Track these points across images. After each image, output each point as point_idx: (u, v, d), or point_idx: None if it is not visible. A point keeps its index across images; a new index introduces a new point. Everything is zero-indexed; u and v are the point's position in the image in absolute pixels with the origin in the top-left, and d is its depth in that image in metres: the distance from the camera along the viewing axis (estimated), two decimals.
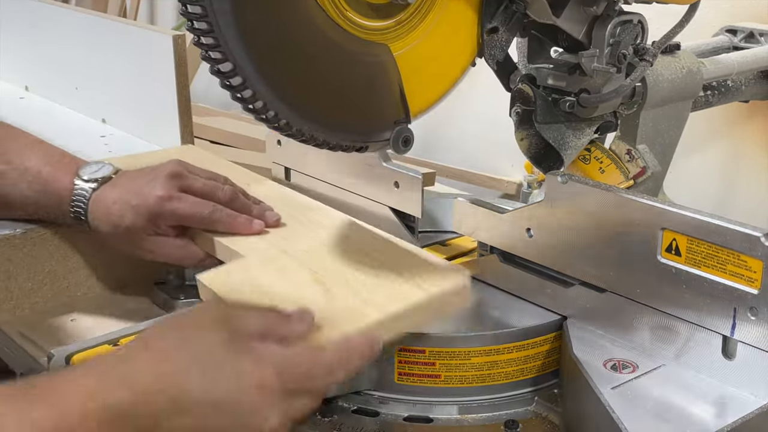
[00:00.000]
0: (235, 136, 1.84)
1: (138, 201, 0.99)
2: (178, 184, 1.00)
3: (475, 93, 1.86)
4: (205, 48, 0.74)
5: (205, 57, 0.76)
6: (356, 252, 0.92)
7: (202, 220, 0.99)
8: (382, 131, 0.85)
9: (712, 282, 0.79)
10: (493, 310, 0.94)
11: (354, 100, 0.83)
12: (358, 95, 0.83)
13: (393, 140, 0.85)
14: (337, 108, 0.82)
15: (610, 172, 1.04)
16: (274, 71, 0.77)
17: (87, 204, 1.02)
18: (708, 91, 1.16)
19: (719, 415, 0.77)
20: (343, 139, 0.84)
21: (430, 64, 0.87)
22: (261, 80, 0.76)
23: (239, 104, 0.79)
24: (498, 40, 0.91)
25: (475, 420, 0.87)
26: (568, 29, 0.93)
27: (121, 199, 1.00)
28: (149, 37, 1.53)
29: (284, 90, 0.78)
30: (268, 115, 0.78)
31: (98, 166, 1.05)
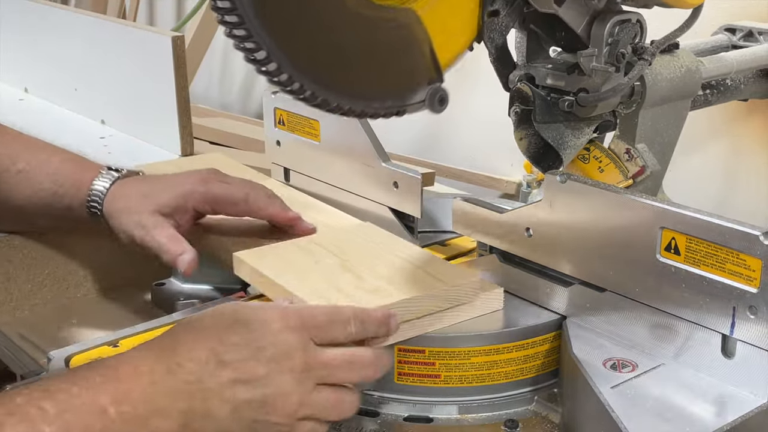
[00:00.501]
0: (234, 137, 1.84)
1: (168, 184, 1.01)
2: (215, 177, 1.04)
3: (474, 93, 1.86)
4: (233, 31, 0.74)
5: (238, 47, 0.76)
6: (374, 246, 0.99)
7: (237, 202, 1.01)
8: (416, 93, 0.85)
9: (711, 281, 0.79)
10: None
11: (387, 69, 0.83)
12: (390, 63, 0.83)
13: (429, 100, 0.85)
14: (372, 79, 0.83)
15: (609, 172, 1.04)
16: (304, 52, 0.76)
17: (109, 187, 1.03)
18: (707, 90, 1.15)
19: (719, 414, 0.77)
20: (379, 108, 0.84)
21: (451, 17, 0.87)
22: (291, 62, 0.75)
23: (277, 87, 0.79)
24: (498, 24, 0.91)
25: (475, 420, 0.87)
26: (568, 20, 0.92)
27: (146, 185, 1.03)
28: (148, 38, 1.54)
29: (319, 70, 0.78)
30: (306, 95, 0.79)
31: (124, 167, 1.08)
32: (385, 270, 0.93)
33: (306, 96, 0.77)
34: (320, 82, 0.77)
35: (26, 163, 1.06)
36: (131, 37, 1.59)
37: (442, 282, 0.89)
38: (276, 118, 1.25)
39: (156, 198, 1.01)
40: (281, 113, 1.24)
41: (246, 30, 0.72)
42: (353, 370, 0.78)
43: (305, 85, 0.76)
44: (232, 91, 2.54)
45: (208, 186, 1.02)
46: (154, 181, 1.05)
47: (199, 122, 1.76)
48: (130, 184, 1.05)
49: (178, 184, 1.02)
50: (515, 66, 1.00)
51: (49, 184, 1.05)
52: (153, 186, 1.03)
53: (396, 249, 0.99)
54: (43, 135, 1.68)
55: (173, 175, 1.06)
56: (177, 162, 1.37)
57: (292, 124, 1.22)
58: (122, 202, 1.02)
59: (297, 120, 1.21)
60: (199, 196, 1.01)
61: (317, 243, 1.01)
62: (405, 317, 0.85)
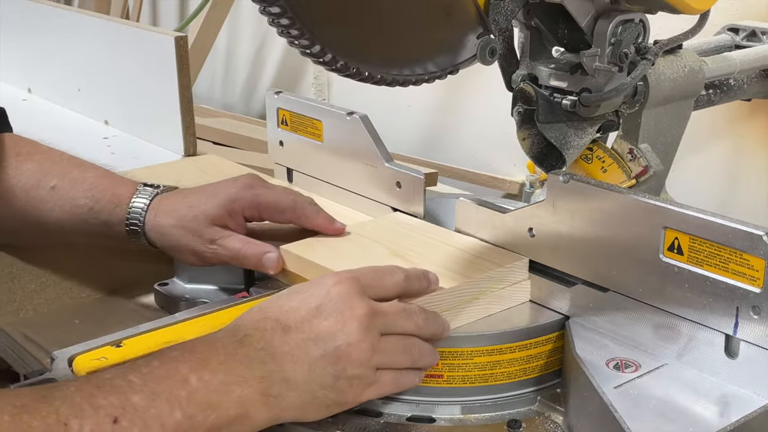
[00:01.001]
0: (237, 137, 1.84)
1: (212, 193, 1.01)
2: (260, 183, 1.04)
3: (477, 93, 1.86)
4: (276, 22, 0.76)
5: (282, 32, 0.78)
6: (416, 234, 1.04)
7: (285, 209, 1.01)
8: (467, 50, 0.87)
9: (714, 281, 0.79)
10: None
11: (438, 33, 0.85)
12: (440, 26, 0.85)
13: (480, 53, 0.86)
14: (425, 46, 0.85)
15: (612, 172, 1.04)
16: (352, 30, 0.80)
17: (150, 202, 1.02)
18: (710, 90, 1.15)
19: (722, 414, 0.77)
20: (434, 71, 0.87)
21: None
22: (338, 46, 0.79)
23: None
24: (504, 8, 0.91)
25: (478, 420, 0.87)
26: (573, 11, 0.92)
27: (190, 197, 1.02)
28: (152, 39, 1.54)
29: (370, 47, 0.81)
30: (363, 75, 0.82)
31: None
32: (433, 254, 0.97)
33: (341, 69, 0.81)
34: (372, 59, 0.81)
35: (58, 179, 1.05)
36: (134, 38, 1.59)
37: (494, 263, 0.93)
38: (279, 118, 1.25)
39: (205, 209, 1.00)
40: (284, 113, 1.24)
41: (280, 7, 0.73)
42: (410, 318, 0.82)
43: (351, 65, 0.80)
44: (234, 91, 2.54)
45: (255, 191, 1.02)
46: (195, 193, 1.03)
47: (201, 122, 1.76)
48: (171, 198, 1.04)
49: (221, 192, 1.02)
50: (518, 65, 1.00)
51: (84, 200, 1.04)
52: (197, 198, 1.02)
53: (436, 235, 1.03)
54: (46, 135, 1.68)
55: (213, 185, 1.05)
56: (173, 164, 1.38)
57: (294, 124, 1.22)
58: (170, 218, 1.01)
59: (300, 120, 1.21)
60: (247, 202, 1.01)
61: (359, 233, 1.04)
62: (463, 300, 0.88)
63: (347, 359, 0.77)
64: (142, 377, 0.70)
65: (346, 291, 0.79)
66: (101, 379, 0.70)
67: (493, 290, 0.92)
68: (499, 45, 0.89)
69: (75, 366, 0.82)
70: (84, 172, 1.06)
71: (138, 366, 0.72)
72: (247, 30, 2.47)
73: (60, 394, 0.67)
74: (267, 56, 2.42)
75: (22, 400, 0.65)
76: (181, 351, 0.74)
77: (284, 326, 0.77)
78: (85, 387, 0.68)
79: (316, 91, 2.24)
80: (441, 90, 1.94)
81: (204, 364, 0.73)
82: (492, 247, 0.98)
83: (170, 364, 0.72)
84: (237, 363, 0.74)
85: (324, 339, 0.77)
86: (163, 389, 0.70)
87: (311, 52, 0.78)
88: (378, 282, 0.82)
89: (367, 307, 0.79)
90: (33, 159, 1.06)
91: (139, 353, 0.84)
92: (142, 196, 1.03)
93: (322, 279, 0.81)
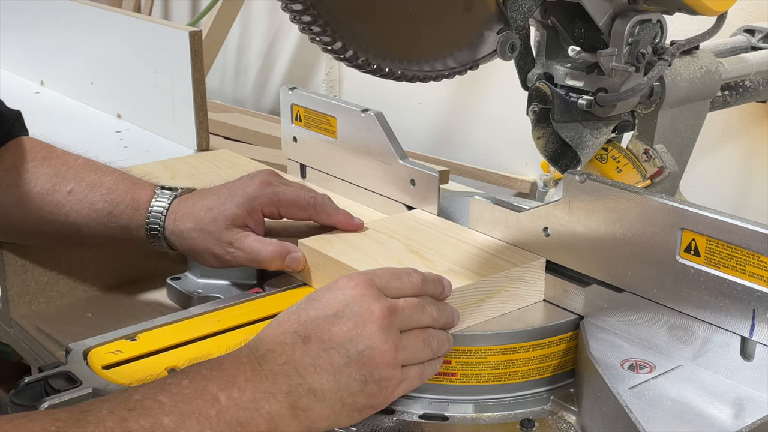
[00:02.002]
0: (250, 133, 1.84)
1: (230, 193, 1.00)
2: (277, 180, 1.03)
3: (490, 92, 1.86)
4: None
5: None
6: (432, 230, 1.04)
7: (305, 206, 1.01)
8: (487, 45, 0.87)
9: (731, 283, 0.79)
10: None
11: (458, 28, 0.85)
12: (460, 21, 0.85)
13: (500, 49, 0.86)
14: (445, 41, 0.85)
15: (627, 172, 1.03)
16: (377, 27, 0.80)
17: (169, 206, 1.01)
18: (726, 91, 1.15)
19: (737, 416, 0.77)
20: (454, 66, 0.87)
21: None
22: (360, 43, 0.79)
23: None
24: (521, 6, 0.90)
25: (491, 418, 0.87)
26: (591, 10, 0.92)
27: (209, 198, 1.01)
28: (165, 33, 1.54)
29: (391, 43, 0.82)
30: (384, 71, 0.82)
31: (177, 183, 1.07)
32: (450, 252, 0.97)
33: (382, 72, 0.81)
34: (394, 56, 0.81)
35: (75, 183, 1.03)
36: (149, 32, 1.59)
37: (510, 263, 0.93)
38: (293, 114, 1.25)
39: (224, 210, 0.99)
40: (298, 109, 1.24)
41: (303, 4, 0.73)
42: (425, 311, 0.81)
43: (372, 60, 0.80)
44: (246, 86, 2.54)
45: (274, 188, 1.01)
46: (214, 194, 1.02)
47: (213, 117, 1.76)
48: (190, 201, 1.02)
49: (239, 191, 1.01)
50: (534, 64, 1.00)
51: (103, 204, 1.03)
52: (215, 199, 1.01)
53: (453, 232, 1.03)
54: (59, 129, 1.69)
55: (230, 184, 1.04)
56: (187, 159, 1.37)
57: (308, 120, 1.22)
58: (189, 221, 1.00)
59: (314, 116, 1.21)
60: (267, 199, 1.00)
61: (375, 229, 1.04)
62: (479, 298, 0.89)
63: (372, 363, 0.76)
64: (172, 397, 0.70)
65: (362, 294, 0.78)
66: (133, 400, 0.69)
67: (508, 289, 0.92)
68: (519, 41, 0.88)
69: (90, 359, 0.82)
70: (101, 176, 1.05)
71: (168, 385, 0.71)
72: (259, 25, 2.47)
73: (93, 418, 0.66)
74: (279, 52, 2.41)
75: (56, 425, 0.65)
76: (209, 369, 0.73)
77: (304, 338, 0.76)
78: (117, 410, 0.68)
79: (328, 87, 2.24)
80: (453, 88, 1.94)
81: (232, 382, 0.72)
82: (508, 246, 0.98)
83: (199, 383, 0.72)
84: (263, 378, 0.73)
85: (345, 346, 0.76)
86: (193, 409, 0.69)
87: (333, 48, 0.78)
88: (395, 283, 0.82)
89: (384, 308, 0.78)
90: (49, 163, 1.05)
91: (153, 348, 0.84)
92: (161, 199, 1.02)
93: (338, 284, 0.80)
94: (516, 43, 0.87)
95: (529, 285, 0.93)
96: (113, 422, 0.66)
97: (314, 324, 0.77)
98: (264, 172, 1.05)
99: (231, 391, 0.72)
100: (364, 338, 0.76)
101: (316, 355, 0.75)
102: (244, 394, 0.72)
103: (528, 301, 0.94)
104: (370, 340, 0.76)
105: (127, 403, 0.69)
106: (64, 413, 0.67)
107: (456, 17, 0.84)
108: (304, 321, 0.77)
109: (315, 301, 0.79)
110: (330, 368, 0.75)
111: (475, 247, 0.98)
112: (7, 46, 2.02)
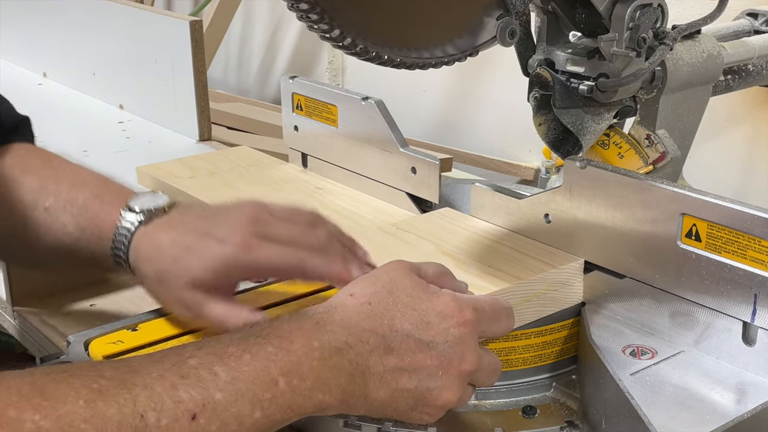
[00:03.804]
0: (251, 122, 1.84)
1: (201, 247, 0.81)
2: (260, 231, 0.82)
3: (493, 79, 1.86)
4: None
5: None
6: (461, 230, 1.00)
7: (290, 272, 0.83)
8: (486, 31, 0.86)
9: (732, 268, 0.78)
10: None
11: (457, 15, 0.84)
12: (459, 8, 0.84)
13: (499, 35, 0.86)
14: (444, 28, 0.84)
15: (629, 158, 1.03)
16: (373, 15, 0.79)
17: (133, 233, 0.86)
18: (728, 76, 1.14)
19: (739, 401, 0.77)
20: (454, 53, 0.86)
21: None
22: (358, 30, 0.78)
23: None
24: None
25: (493, 405, 0.86)
26: None
27: (177, 241, 0.83)
28: (167, 23, 1.54)
29: (390, 30, 0.80)
30: (383, 58, 0.81)
31: (152, 196, 0.88)
32: (483, 254, 0.94)
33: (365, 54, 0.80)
34: (394, 44, 0.80)
35: (54, 199, 0.90)
36: (150, 22, 1.59)
37: (548, 265, 0.90)
38: (294, 103, 1.24)
39: (188, 268, 0.81)
40: (299, 98, 1.23)
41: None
42: (494, 376, 0.79)
43: (371, 49, 0.79)
44: (249, 76, 2.54)
45: (254, 254, 0.80)
46: (185, 238, 0.83)
47: (216, 107, 1.76)
48: (156, 237, 0.85)
49: (210, 250, 0.81)
50: (535, 50, 1.00)
51: (72, 227, 0.89)
52: (183, 249, 0.82)
53: (486, 233, 0.99)
54: (61, 120, 1.69)
55: (207, 225, 0.83)
56: (207, 156, 1.35)
57: (309, 109, 1.22)
58: (151, 266, 0.84)
59: (315, 105, 1.21)
60: (244, 268, 0.81)
61: (402, 228, 1.01)
62: (515, 301, 0.86)
63: (432, 403, 0.74)
64: (229, 371, 0.66)
65: (464, 338, 0.74)
66: (187, 366, 0.65)
67: (546, 292, 0.89)
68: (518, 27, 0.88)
69: (91, 349, 0.83)
70: (78, 192, 0.90)
71: (228, 356, 0.67)
72: (261, 15, 2.46)
73: (141, 380, 0.63)
74: (281, 41, 2.41)
75: (99, 382, 0.62)
76: (276, 347, 0.69)
77: (387, 347, 0.72)
78: (169, 375, 0.64)
79: (331, 76, 2.24)
80: (456, 75, 1.93)
81: (296, 368, 0.69)
82: (545, 247, 0.94)
83: (261, 361, 0.68)
84: (327, 369, 0.70)
85: (419, 375, 0.73)
86: (249, 389, 0.66)
87: (331, 36, 0.78)
88: (493, 327, 0.78)
89: (473, 363, 0.75)
90: (39, 173, 0.92)
91: (154, 338, 0.84)
92: (125, 224, 0.86)
93: (447, 316, 0.74)
94: (516, 29, 0.86)
95: (566, 287, 0.91)
96: (162, 388, 0.63)
97: (404, 340, 0.73)
98: (248, 220, 0.82)
99: (292, 377, 0.68)
100: (441, 381, 0.73)
101: (389, 369, 0.72)
102: (303, 383, 0.69)
103: (566, 303, 0.91)
104: (444, 387, 0.74)
105: (180, 369, 0.65)
106: (110, 369, 0.63)
107: (455, 3, 0.84)
108: (396, 330, 0.73)
109: (417, 312, 0.74)
110: (394, 386, 0.72)
111: (510, 248, 0.95)
112: (10, 38, 2.02)
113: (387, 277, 0.76)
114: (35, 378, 0.61)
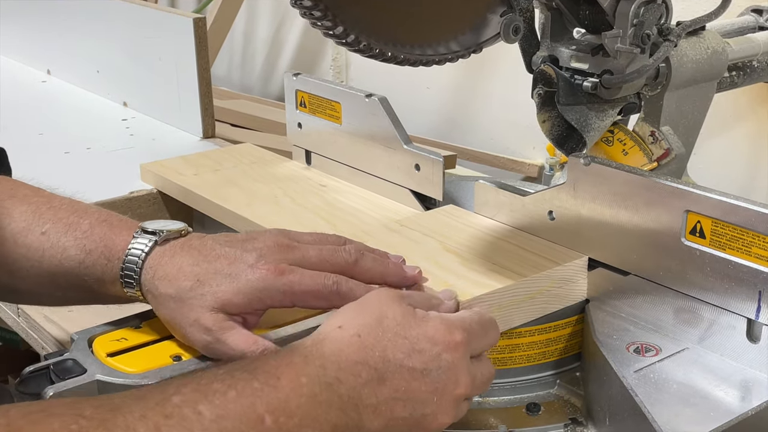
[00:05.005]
0: (255, 119, 1.84)
1: (234, 270, 0.79)
2: (288, 257, 0.80)
3: (497, 76, 1.85)
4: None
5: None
6: (465, 228, 1.00)
7: (327, 296, 0.80)
8: (490, 28, 0.86)
9: (736, 265, 0.78)
10: None
11: (460, 12, 0.85)
12: (463, 5, 0.84)
13: (503, 32, 0.86)
14: (448, 25, 0.84)
15: (634, 154, 1.03)
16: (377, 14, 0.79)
17: (148, 252, 0.82)
18: (733, 72, 1.14)
19: (743, 398, 0.77)
20: (457, 50, 0.86)
21: None
22: (361, 27, 0.78)
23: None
24: None
25: (497, 402, 0.87)
26: None
27: (201, 263, 0.80)
28: (170, 20, 1.54)
29: (393, 27, 0.80)
30: (386, 55, 0.82)
31: (166, 221, 0.85)
32: (487, 251, 0.94)
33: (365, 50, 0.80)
34: (396, 40, 0.80)
35: (51, 224, 0.86)
36: (153, 19, 1.59)
37: (553, 262, 0.90)
38: (297, 100, 1.24)
39: (218, 290, 0.78)
40: (303, 95, 1.23)
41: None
42: (488, 385, 0.78)
43: (373, 45, 0.79)
44: (252, 73, 2.54)
45: (288, 278, 0.78)
46: (213, 263, 0.80)
47: (220, 104, 1.76)
48: (176, 259, 0.81)
49: (243, 273, 0.78)
50: (539, 47, 0.99)
51: (75, 251, 0.84)
52: (215, 271, 0.79)
53: (490, 230, 0.99)
54: (65, 117, 1.69)
55: (236, 252, 0.81)
56: (210, 154, 1.36)
57: (313, 106, 1.22)
58: (170, 286, 0.80)
59: (318, 102, 1.21)
60: (278, 293, 0.79)
61: (406, 225, 1.01)
62: (520, 298, 0.86)
63: (427, 428, 0.73)
64: (213, 410, 0.64)
65: (456, 362, 0.73)
66: (171, 405, 0.63)
67: (550, 289, 0.89)
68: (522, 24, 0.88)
69: (95, 347, 0.83)
70: (80, 217, 0.86)
71: (212, 393, 0.65)
72: (265, 12, 2.46)
73: (122, 421, 0.60)
74: (285, 38, 2.41)
75: (80, 423, 0.59)
76: (262, 383, 0.67)
77: (380, 378, 0.70)
78: (152, 415, 0.61)
79: (335, 73, 2.23)
80: (460, 72, 1.93)
81: (284, 405, 0.66)
82: (549, 243, 0.94)
83: (247, 398, 0.65)
84: (316, 406, 0.68)
85: (413, 404, 0.71)
86: (235, 426, 0.64)
87: (334, 33, 0.78)
88: (482, 342, 0.77)
89: (467, 385, 0.74)
90: (30, 201, 0.88)
91: (158, 335, 0.84)
92: (140, 242, 0.82)
93: (438, 341, 0.72)
94: (519, 25, 0.86)
95: (570, 284, 0.90)
96: (145, 428, 0.60)
97: (397, 370, 0.71)
98: (275, 247, 0.81)
99: (279, 415, 0.66)
100: (435, 407, 0.72)
101: (383, 400, 0.70)
102: (291, 420, 0.66)
103: (570, 300, 0.91)
104: (439, 411, 0.72)
105: (164, 408, 0.62)
106: (90, 409, 0.61)
107: (458, 0, 0.83)
108: (388, 360, 0.71)
109: (407, 341, 0.72)
110: (389, 415, 0.71)
111: (514, 246, 0.95)
112: (14, 35, 2.03)
113: (374, 306, 0.74)
114: (10, 420, 0.58)
